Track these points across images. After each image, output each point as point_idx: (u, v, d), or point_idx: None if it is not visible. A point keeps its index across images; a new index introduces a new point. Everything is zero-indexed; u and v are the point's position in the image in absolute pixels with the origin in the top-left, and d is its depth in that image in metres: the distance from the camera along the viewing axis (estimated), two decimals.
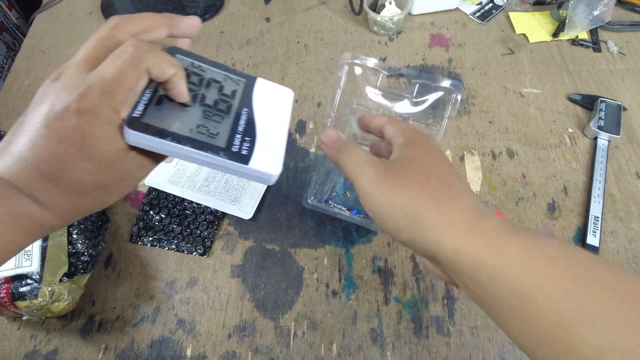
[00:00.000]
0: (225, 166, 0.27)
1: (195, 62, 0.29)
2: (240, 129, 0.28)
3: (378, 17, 0.68)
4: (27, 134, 0.21)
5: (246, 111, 0.29)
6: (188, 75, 0.28)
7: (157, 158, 0.26)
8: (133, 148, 0.24)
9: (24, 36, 0.76)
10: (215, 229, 0.52)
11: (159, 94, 0.26)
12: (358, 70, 0.42)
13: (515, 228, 0.23)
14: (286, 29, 0.74)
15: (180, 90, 0.25)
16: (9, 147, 0.22)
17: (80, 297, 0.46)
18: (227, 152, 0.26)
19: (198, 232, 0.51)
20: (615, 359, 0.18)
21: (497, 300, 0.22)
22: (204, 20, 0.75)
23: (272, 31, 0.74)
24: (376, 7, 0.71)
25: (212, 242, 0.51)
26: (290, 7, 0.77)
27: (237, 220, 0.53)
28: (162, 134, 0.24)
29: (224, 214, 0.53)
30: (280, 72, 0.67)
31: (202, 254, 0.50)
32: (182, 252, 0.50)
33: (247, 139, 0.28)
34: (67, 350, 0.45)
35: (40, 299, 0.42)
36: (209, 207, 0.53)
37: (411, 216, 0.24)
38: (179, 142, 0.25)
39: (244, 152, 0.27)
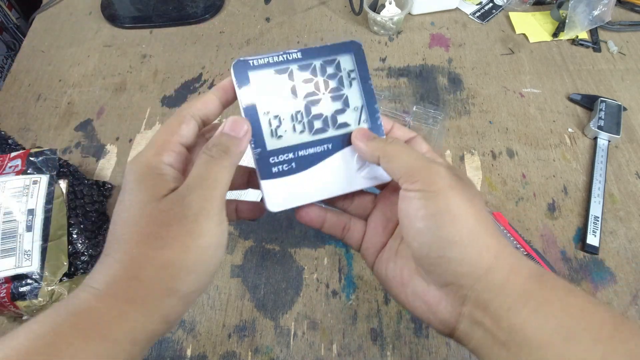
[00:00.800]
0: (252, 162, 0.26)
1: (358, 68, 0.27)
2: (305, 152, 0.26)
3: (378, 17, 0.68)
4: None
5: (335, 147, 0.27)
6: (336, 74, 0.27)
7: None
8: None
9: (24, 36, 0.76)
10: None
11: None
12: None
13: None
14: (286, 29, 0.74)
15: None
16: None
17: None
18: (264, 155, 0.26)
19: None
20: None
21: (531, 339, 0.20)
22: (204, 20, 0.75)
23: (272, 31, 0.74)
24: (376, 7, 0.71)
25: None
26: (290, 7, 0.77)
27: (237, 220, 0.53)
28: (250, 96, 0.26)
29: None
30: None
31: None
32: None
33: (294, 164, 0.26)
34: None
35: (40, 299, 0.42)
36: None
37: (474, 232, 0.23)
38: (252, 115, 0.26)
39: (274, 169, 0.26)
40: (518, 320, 0.21)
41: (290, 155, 0.26)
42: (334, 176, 0.27)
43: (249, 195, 0.53)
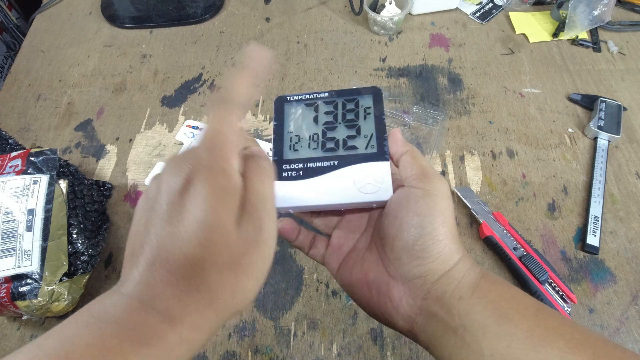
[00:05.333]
0: None
1: (374, 107, 0.32)
2: (313, 164, 0.30)
3: (378, 17, 0.68)
4: None
5: (340, 164, 0.30)
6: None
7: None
8: None
9: (24, 36, 0.76)
10: None
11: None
12: None
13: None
14: (286, 29, 0.74)
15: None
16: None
17: (80, 296, 0.46)
18: (279, 162, 0.31)
19: None
20: None
21: (474, 320, 0.24)
22: (204, 20, 0.75)
23: (272, 31, 0.74)
24: (376, 7, 0.71)
25: None
26: (290, 7, 0.77)
27: None
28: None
29: None
30: (280, 72, 0.67)
31: None
32: None
33: (302, 172, 0.30)
34: None
35: (40, 299, 0.42)
36: None
37: (454, 235, 0.27)
38: (278, 132, 0.32)
39: (284, 174, 0.30)
40: (466, 306, 0.25)
41: (300, 165, 0.30)
42: (334, 188, 0.30)
43: None
